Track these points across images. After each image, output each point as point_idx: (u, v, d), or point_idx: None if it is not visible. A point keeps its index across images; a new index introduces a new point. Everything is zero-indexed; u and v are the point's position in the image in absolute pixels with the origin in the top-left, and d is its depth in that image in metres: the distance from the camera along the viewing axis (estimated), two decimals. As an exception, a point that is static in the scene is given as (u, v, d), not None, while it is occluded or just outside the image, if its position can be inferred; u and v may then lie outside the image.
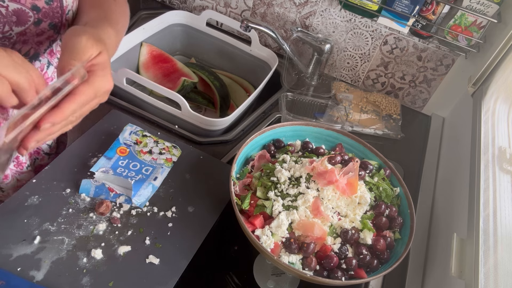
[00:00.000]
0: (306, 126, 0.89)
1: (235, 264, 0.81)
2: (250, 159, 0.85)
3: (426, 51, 1.12)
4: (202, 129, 0.98)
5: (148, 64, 1.17)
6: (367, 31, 1.14)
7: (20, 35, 0.62)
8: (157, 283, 0.68)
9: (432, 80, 1.17)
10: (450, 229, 0.83)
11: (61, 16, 0.66)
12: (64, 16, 0.66)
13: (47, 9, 0.63)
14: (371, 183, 0.80)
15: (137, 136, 0.87)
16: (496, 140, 0.83)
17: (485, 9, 0.95)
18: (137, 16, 1.26)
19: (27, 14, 0.61)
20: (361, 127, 1.09)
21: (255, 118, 1.05)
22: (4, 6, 0.58)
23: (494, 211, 0.70)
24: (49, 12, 0.63)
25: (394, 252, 0.74)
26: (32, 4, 0.61)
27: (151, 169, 0.82)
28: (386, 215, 0.76)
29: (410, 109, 1.23)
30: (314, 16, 1.18)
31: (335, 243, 0.71)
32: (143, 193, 0.78)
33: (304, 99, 1.13)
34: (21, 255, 0.66)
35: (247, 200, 0.74)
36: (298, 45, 1.26)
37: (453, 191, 0.91)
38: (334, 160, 0.79)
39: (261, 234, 0.70)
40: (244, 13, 1.27)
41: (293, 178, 0.76)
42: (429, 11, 1.01)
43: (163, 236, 0.74)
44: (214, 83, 1.18)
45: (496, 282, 0.60)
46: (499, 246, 0.65)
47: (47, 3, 0.63)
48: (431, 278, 0.81)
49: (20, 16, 0.60)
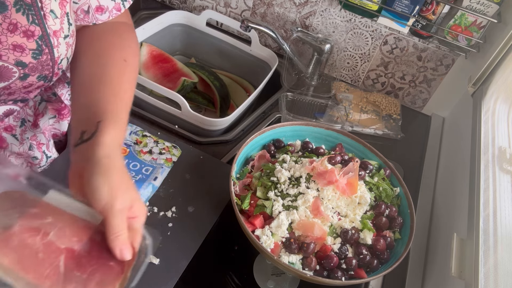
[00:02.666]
0: (306, 126, 0.89)
1: (235, 264, 0.81)
2: (250, 159, 0.85)
3: (426, 51, 1.12)
4: (202, 129, 0.98)
5: (148, 64, 1.17)
6: (367, 31, 1.14)
7: (4, 89, 0.58)
8: (157, 283, 0.68)
9: (432, 80, 1.17)
10: (450, 229, 0.83)
11: (52, 67, 0.60)
12: (57, 66, 0.60)
13: (34, 64, 0.57)
14: (371, 183, 0.80)
15: (137, 136, 0.87)
16: (496, 140, 0.83)
17: (485, 9, 0.95)
18: (137, 16, 1.26)
19: (11, 70, 0.55)
20: (361, 127, 1.09)
21: (255, 118, 1.05)
22: None
23: (494, 211, 0.70)
24: (37, 66, 0.57)
25: (394, 252, 0.74)
26: (17, 60, 0.55)
27: (151, 169, 0.82)
28: (386, 215, 0.76)
29: (410, 109, 1.23)
30: (314, 16, 1.18)
31: (335, 243, 0.71)
32: (143, 193, 0.78)
33: (304, 99, 1.13)
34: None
35: (247, 200, 0.74)
36: (298, 45, 1.26)
37: (453, 191, 0.91)
38: (334, 160, 0.79)
39: (261, 234, 0.70)
40: (244, 13, 1.27)
41: (293, 178, 0.76)
42: (429, 11, 1.01)
43: (163, 236, 0.74)
44: (214, 83, 1.18)
45: (496, 282, 0.60)
46: (499, 246, 0.65)
47: (35, 57, 0.56)
48: (431, 278, 0.81)
49: (3, 73, 0.55)
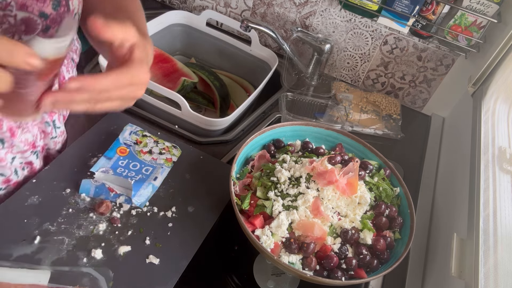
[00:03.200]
0: (306, 126, 0.89)
1: (235, 264, 0.81)
2: (250, 159, 0.85)
3: (426, 51, 1.12)
4: (202, 129, 0.98)
5: (148, 64, 1.17)
6: (367, 31, 1.14)
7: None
8: (157, 283, 0.68)
9: (432, 80, 1.17)
10: (450, 229, 0.83)
11: None
12: None
13: (54, 15, 0.62)
14: (371, 183, 0.80)
15: (137, 136, 0.87)
16: (496, 140, 0.83)
17: (485, 9, 0.95)
18: (137, 16, 1.26)
19: (35, 22, 0.60)
20: (361, 127, 1.09)
21: (255, 118, 1.05)
22: (12, 15, 0.57)
23: (494, 211, 0.70)
24: (57, 17, 0.62)
25: (394, 252, 0.74)
26: (40, 11, 0.60)
27: (151, 169, 0.82)
28: (386, 215, 0.76)
29: (410, 109, 1.23)
30: (314, 16, 1.18)
31: (335, 243, 0.71)
32: (143, 193, 0.78)
33: (304, 99, 1.13)
34: (21, 255, 0.66)
35: (247, 200, 0.74)
36: (298, 45, 1.26)
37: (453, 191, 0.91)
38: (334, 160, 0.79)
39: (261, 234, 0.70)
40: (244, 13, 1.27)
41: (293, 178, 0.76)
42: (429, 11, 1.01)
43: (163, 236, 0.74)
44: (214, 83, 1.18)
45: (496, 282, 0.60)
46: (499, 246, 0.65)
47: (54, 8, 0.61)
48: (431, 278, 0.81)
49: (29, 25, 0.60)
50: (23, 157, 0.75)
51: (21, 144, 0.72)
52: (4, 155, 0.71)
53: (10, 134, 0.70)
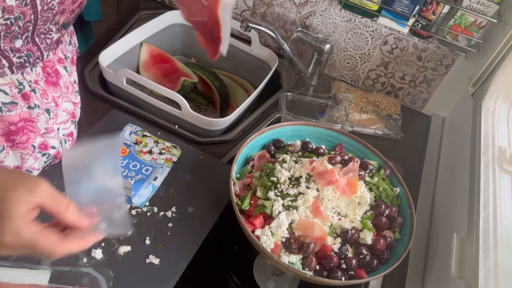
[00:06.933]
0: (306, 126, 0.89)
1: (235, 264, 0.81)
2: (250, 159, 0.85)
3: (426, 51, 1.12)
4: (202, 129, 0.98)
5: (148, 64, 1.17)
6: (367, 31, 1.14)
7: (59, 4, 0.63)
8: (157, 283, 0.68)
9: (432, 80, 1.17)
10: (450, 229, 0.83)
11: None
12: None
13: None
14: (371, 183, 0.80)
15: (137, 136, 0.87)
16: (496, 140, 0.83)
17: (485, 9, 0.95)
18: (137, 16, 1.26)
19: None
20: (361, 127, 1.09)
21: (255, 118, 1.05)
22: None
23: (494, 211, 0.70)
24: None
25: (394, 252, 0.74)
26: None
27: (151, 169, 0.82)
28: (386, 215, 0.76)
29: (410, 109, 1.23)
30: (314, 16, 1.18)
31: (335, 243, 0.71)
32: (143, 193, 0.78)
33: (304, 99, 1.13)
34: (21, 255, 0.66)
35: (247, 200, 0.74)
36: (298, 45, 1.26)
37: (453, 191, 0.91)
38: (334, 160, 0.79)
39: (261, 234, 0.70)
40: (244, 13, 1.27)
41: (293, 178, 0.76)
42: (429, 11, 1.01)
43: (163, 236, 0.74)
44: (214, 83, 1.18)
45: (496, 282, 0.60)
46: (499, 246, 0.65)
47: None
48: (431, 278, 0.81)
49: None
50: (65, 127, 0.77)
51: (63, 113, 0.75)
52: (52, 125, 0.74)
53: (55, 104, 0.72)
